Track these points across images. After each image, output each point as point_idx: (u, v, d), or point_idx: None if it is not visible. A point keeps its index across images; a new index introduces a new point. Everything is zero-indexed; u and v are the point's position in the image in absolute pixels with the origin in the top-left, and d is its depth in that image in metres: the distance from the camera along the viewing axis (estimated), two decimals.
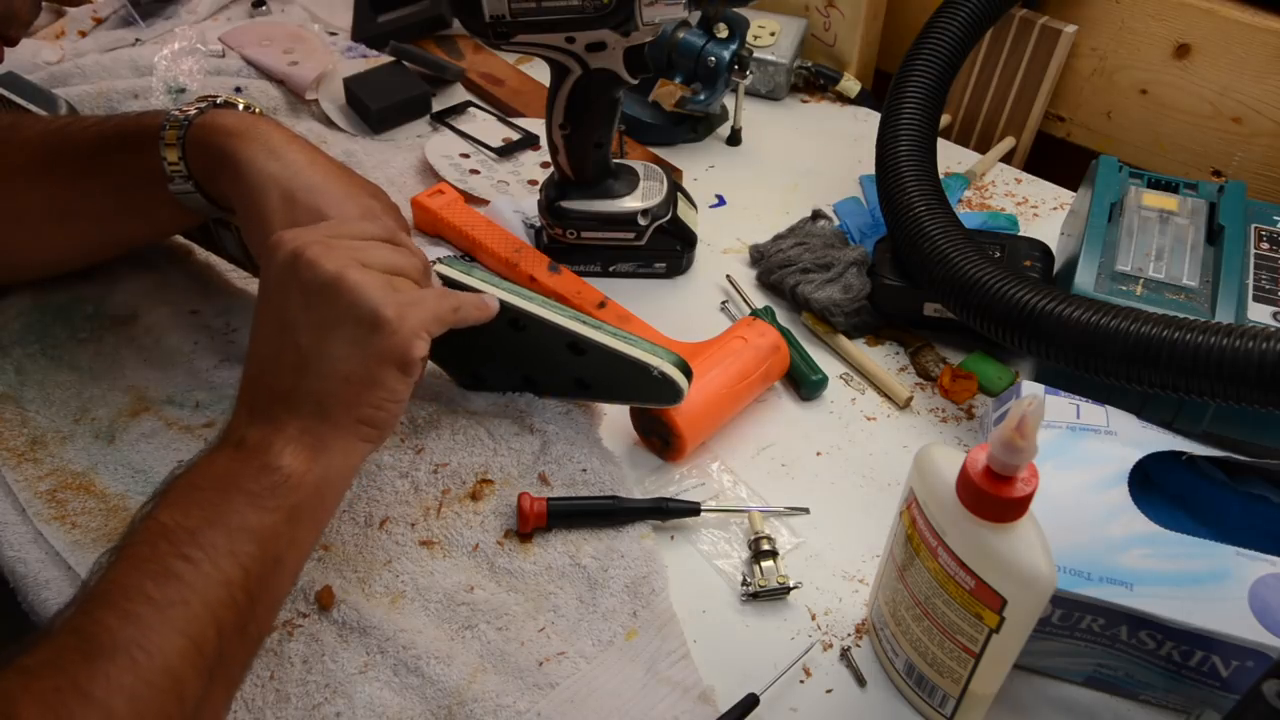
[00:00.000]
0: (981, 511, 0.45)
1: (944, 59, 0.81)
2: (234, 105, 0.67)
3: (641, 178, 0.80)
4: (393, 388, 0.53)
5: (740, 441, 0.70)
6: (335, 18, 1.09)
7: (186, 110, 0.64)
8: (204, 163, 0.63)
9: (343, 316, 0.52)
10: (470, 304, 0.59)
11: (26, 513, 0.62)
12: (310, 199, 0.60)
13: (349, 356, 0.52)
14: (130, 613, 0.44)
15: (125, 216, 0.70)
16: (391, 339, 0.52)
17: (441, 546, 0.61)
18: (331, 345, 0.52)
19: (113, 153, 0.66)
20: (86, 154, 0.66)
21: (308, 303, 0.52)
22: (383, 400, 0.53)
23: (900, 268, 0.75)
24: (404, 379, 0.54)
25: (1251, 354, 0.56)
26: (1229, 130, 0.91)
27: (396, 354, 0.52)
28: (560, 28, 0.67)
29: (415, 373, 0.54)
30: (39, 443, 0.66)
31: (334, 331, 0.52)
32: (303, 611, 0.58)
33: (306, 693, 0.55)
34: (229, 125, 0.62)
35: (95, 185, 0.67)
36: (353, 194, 0.62)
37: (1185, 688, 0.54)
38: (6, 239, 0.70)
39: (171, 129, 0.63)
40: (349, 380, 0.52)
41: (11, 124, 0.70)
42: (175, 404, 0.69)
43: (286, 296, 0.52)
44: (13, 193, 0.68)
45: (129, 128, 0.66)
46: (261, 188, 0.60)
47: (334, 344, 0.52)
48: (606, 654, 0.57)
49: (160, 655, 0.43)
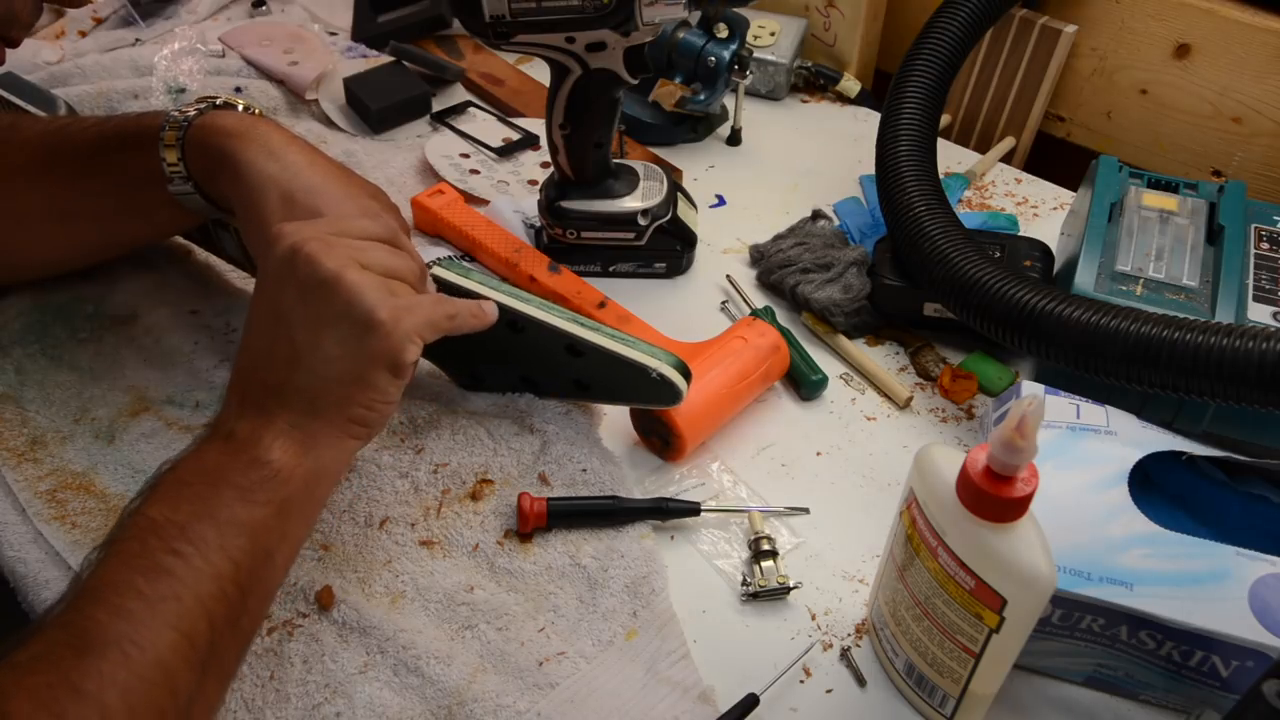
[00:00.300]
0: (981, 511, 0.45)
1: (944, 59, 0.81)
2: (234, 106, 0.67)
3: (641, 178, 0.80)
4: (384, 389, 0.54)
5: (740, 441, 0.70)
6: (335, 18, 1.09)
7: (186, 111, 0.64)
8: (203, 163, 0.63)
9: (338, 315, 0.52)
10: (466, 312, 0.59)
11: (27, 513, 0.62)
12: (309, 200, 0.60)
13: (342, 356, 0.52)
14: (121, 608, 0.44)
15: (125, 217, 0.70)
16: (385, 341, 0.52)
17: (441, 546, 0.61)
18: (325, 343, 0.52)
19: (112, 153, 0.66)
20: (86, 154, 0.66)
21: (304, 298, 0.52)
22: (373, 400, 0.54)
23: (900, 268, 0.75)
24: (395, 381, 0.54)
25: (1251, 354, 0.56)
26: (1229, 130, 0.91)
27: (388, 357, 0.52)
28: (560, 28, 0.67)
29: (406, 376, 0.54)
30: (39, 443, 0.66)
31: (328, 329, 0.52)
32: (303, 611, 0.58)
33: (306, 692, 0.55)
34: (228, 126, 0.62)
35: (95, 185, 0.67)
36: (352, 194, 0.62)
37: (1185, 688, 0.54)
38: (6, 239, 0.70)
39: (171, 130, 0.63)
40: (341, 379, 0.52)
41: (11, 124, 0.70)
42: (175, 404, 0.69)
43: (283, 290, 0.52)
44: (12, 193, 0.68)
45: (129, 128, 0.66)
46: (260, 188, 0.60)
47: (327, 342, 0.52)
48: (606, 654, 0.57)
49: (152, 649, 0.44)
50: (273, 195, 0.60)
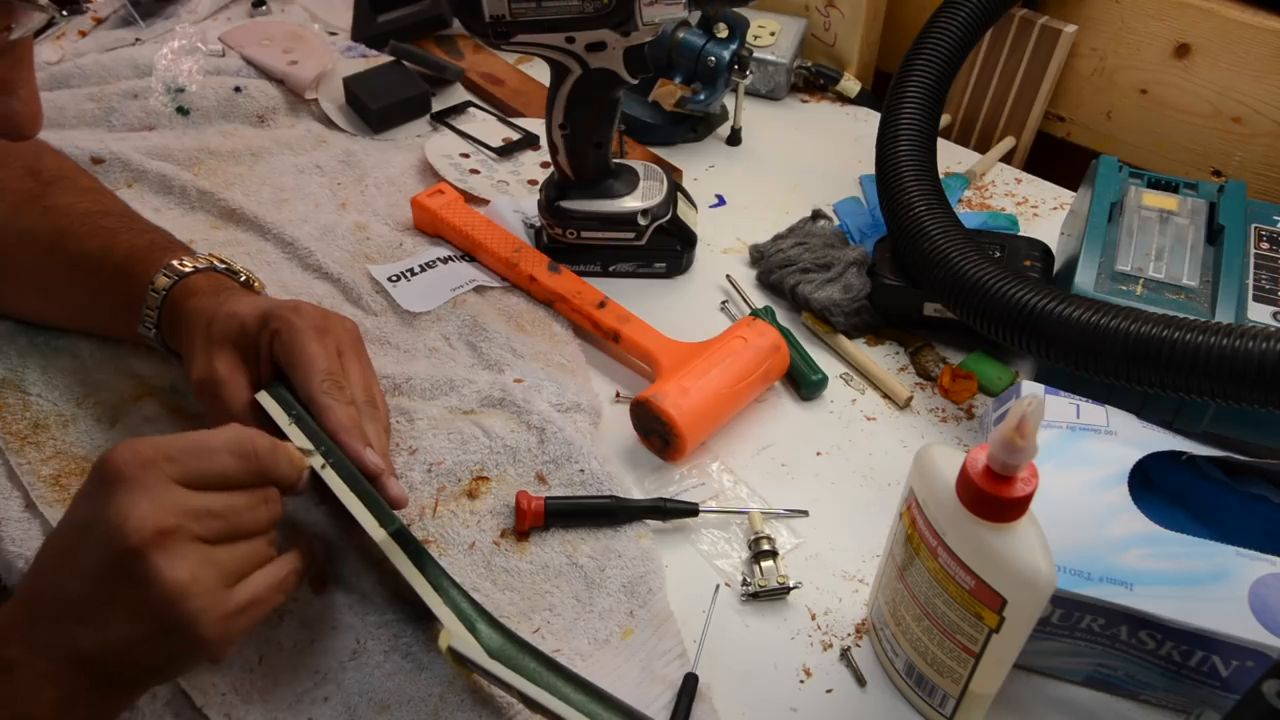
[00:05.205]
0: (981, 511, 0.45)
1: (944, 59, 0.81)
2: (236, 273, 0.67)
3: (641, 178, 0.80)
4: (191, 669, 0.51)
5: (740, 441, 0.70)
6: (335, 17, 1.09)
7: (184, 267, 0.64)
8: (170, 319, 0.64)
9: (149, 613, 0.45)
10: (300, 571, 0.53)
11: (30, 495, 0.62)
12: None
13: (145, 647, 0.45)
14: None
15: (93, 315, 0.69)
16: (204, 651, 0.46)
17: (438, 545, 0.61)
18: (123, 623, 0.45)
19: (105, 272, 0.66)
20: (81, 256, 0.66)
21: (116, 573, 0.44)
22: (177, 672, 0.51)
23: (900, 268, 0.75)
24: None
25: (1251, 354, 0.55)
26: (1229, 130, 0.91)
27: (206, 659, 0.47)
28: (560, 28, 0.67)
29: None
30: (41, 426, 0.66)
31: (131, 615, 0.45)
32: (293, 596, 0.57)
33: (296, 678, 0.55)
34: (200, 285, 0.63)
35: (79, 285, 0.67)
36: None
37: (1185, 688, 0.54)
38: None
39: (153, 294, 0.63)
40: (138, 663, 0.46)
41: (51, 179, 0.70)
42: (178, 392, 0.69)
43: (86, 537, 0.45)
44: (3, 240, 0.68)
45: (134, 258, 0.65)
46: (193, 323, 0.60)
47: (127, 624, 0.45)
48: (602, 652, 0.57)
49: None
50: (201, 324, 0.60)
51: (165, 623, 0.45)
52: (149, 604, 0.44)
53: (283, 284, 0.77)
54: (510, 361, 0.72)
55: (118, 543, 0.44)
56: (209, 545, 0.46)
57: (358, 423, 0.57)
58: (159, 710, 0.54)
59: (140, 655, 0.45)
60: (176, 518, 0.45)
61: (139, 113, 0.92)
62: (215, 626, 0.45)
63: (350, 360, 0.61)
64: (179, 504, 0.46)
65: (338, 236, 0.82)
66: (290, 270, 0.79)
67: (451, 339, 0.75)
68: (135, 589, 0.44)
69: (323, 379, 0.57)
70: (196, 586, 0.45)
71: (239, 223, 0.83)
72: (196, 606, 0.45)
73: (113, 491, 0.45)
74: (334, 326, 0.61)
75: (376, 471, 0.55)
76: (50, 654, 0.45)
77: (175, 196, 0.85)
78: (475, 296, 0.78)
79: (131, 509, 0.44)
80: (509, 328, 0.75)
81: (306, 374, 0.57)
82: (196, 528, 0.46)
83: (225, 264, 0.67)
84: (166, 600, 0.44)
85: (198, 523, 0.46)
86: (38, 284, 0.69)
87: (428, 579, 0.54)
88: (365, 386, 0.60)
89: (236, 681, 0.54)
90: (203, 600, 0.45)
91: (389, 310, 0.77)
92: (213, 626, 0.45)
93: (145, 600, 0.44)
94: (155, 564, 0.44)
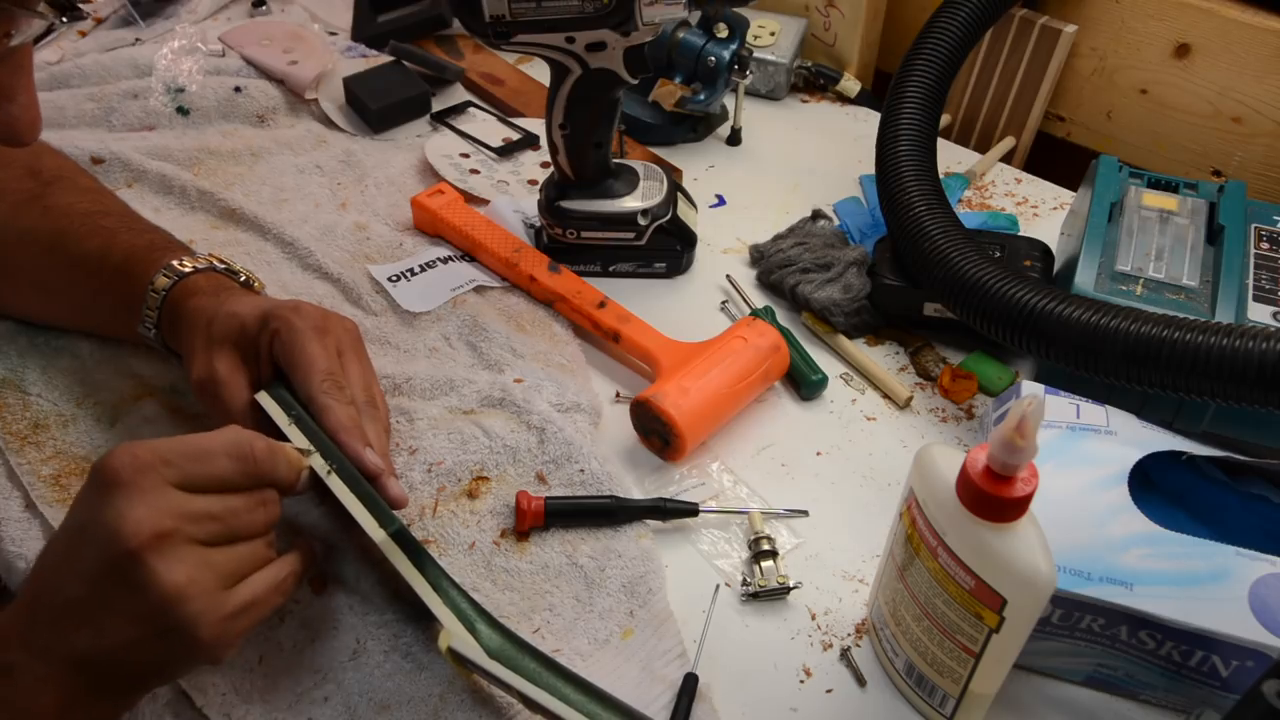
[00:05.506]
0: (981, 511, 0.45)
1: (944, 59, 0.81)
2: (235, 273, 0.67)
3: (641, 178, 0.80)
4: (190, 671, 0.51)
5: (740, 441, 0.70)
6: (335, 17, 1.09)
7: (184, 267, 0.64)
8: (170, 319, 0.64)
9: (145, 616, 0.45)
10: (299, 574, 0.53)
11: (30, 495, 0.62)
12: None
13: (143, 650, 0.45)
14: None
15: (92, 314, 0.69)
16: (203, 654, 0.46)
17: (438, 545, 0.61)
18: (120, 626, 0.45)
19: (105, 272, 0.66)
20: (80, 256, 0.66)
21: (113, 577, 0.44)
22: (176, 675, 0.51)
23: (900, 268, 0.75)
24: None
25: (1251, 354, 0.55)
26: (1229, 130, 0.91)
27: (204, 662, 0.48)
28: (560, 28, 0.67)
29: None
30: (41, 426, 0.66)
31: (129, 619, 0.45)
32: (293, 597, 0.57)
33: (296, 678, 0.55)
34: (200, 285, 0.63)
35: (79, 284, 0.67)
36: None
37: (1185, 688, 0.54)
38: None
39: (154, 294, 0.63)
40: (136, 666, 0.46)
41: (50, 179, 0.70)
42: (178, 392, 0.69)
43: (84, 541, 0.45)
44: (3, 239, 0.68)
45: (134, 258, 0.65)
46: (193, 323, 0.60)
47: (125, 626, 0.45)
48: (602, 652, 0.57)
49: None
50: (201, 324, 0.60)
51: (163, 625, 0.45)
52: (146, 607, 0.44)
53: (283, 284, 0.77)
54: (510, 361, 0.72)
55: (115, 546, 0.44)
56: (206, 548, 0.46)
57: (358, 423, 0.57)
58: (159, 710, 0.54)
59: (139, 658, 0.46)
60: (173, 521, 0.45)
61: (139, 113, 0.92)
62: (213, 629, 0.46)
63: (350, 360, 0.61)
64: (176, 507, 0.46)
65: (338, 236, 0.82)
66: (290, 270, 0.79)
67: (451, 339, 0.75)
68: (133, 592, 0.44)
69: (323, 379, 0.57)
70: (194, 589, 0.45)
71: (239, 223, 0.83)
72: (194, 609, 0.45)
73: (110, 495, 0.45)
74: (334, 326, 0.61)
75: (376, 472, 0.56)
76: (49, 657, 0.45)
77: (175, 196, 0.85)
78: (475, 296, 0.78)
79: (129, 513, 0.44)
80: (509, 328, 0.75)
81: (306, 374, 0.57)
82: (194, 530, 0.46)
83: (225, 264, 0.67)
84: (164, 603, 0.44)
85: (195, 526, 0.46)
86: (38, 284, 0.69)
87: (427, 579, 0.54)
88: (365, 386, 0.60)
89: (236, 681, 0.54)
90: (200, 602, 0.45)
91: (389, 310, 0.77)
92: (211, 629, 0.45)
93: (143, 603, 0.44)
94: (152, 567, 0.44)
